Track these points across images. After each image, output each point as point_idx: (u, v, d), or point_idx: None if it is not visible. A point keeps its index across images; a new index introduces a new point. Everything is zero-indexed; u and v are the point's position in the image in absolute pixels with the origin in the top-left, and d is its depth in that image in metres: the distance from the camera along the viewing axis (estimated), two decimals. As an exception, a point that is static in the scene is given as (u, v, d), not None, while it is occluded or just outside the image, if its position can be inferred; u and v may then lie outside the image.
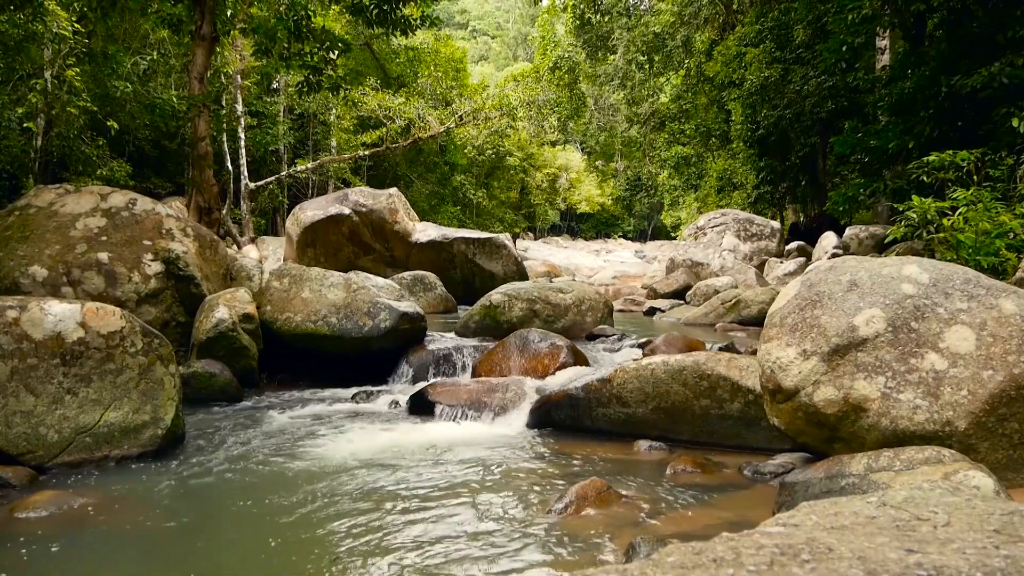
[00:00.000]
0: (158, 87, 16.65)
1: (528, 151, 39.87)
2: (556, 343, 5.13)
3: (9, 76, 12.12)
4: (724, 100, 21.60)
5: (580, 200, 47.79)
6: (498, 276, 10.77)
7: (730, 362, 3.64)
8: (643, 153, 35.29)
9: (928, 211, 6.33)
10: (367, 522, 2.64)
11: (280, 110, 22.47)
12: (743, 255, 14.08)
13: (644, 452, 3.59)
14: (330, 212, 10.96)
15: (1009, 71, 8.06)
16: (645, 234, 53.55)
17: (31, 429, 3.14)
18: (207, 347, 4.82)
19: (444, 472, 3.27)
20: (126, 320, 3.48)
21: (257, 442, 3.77)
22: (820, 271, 2.88)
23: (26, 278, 4.75)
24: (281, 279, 5.60)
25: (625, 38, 25.22)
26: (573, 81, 29.45)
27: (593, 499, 2.73)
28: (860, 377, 2.56)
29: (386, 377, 5.43)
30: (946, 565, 0.93)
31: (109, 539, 2.51)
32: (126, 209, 5.32)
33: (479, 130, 26.50)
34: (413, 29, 11.32)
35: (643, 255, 31.92)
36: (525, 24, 72.38)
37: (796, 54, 16.28)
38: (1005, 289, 2.63)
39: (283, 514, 2.74)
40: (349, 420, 4.32)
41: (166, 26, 10.41)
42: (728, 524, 2.55)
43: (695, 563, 0.97)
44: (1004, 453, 2.50)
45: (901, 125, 10.13)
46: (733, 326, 8.54)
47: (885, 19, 10.99)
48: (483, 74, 42.32)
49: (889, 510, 1.23)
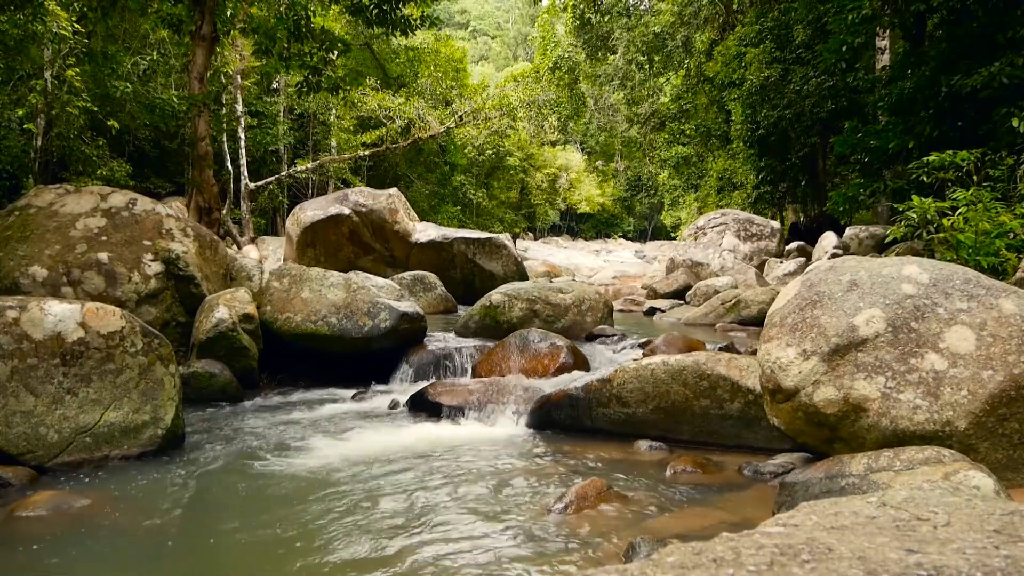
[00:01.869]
0: (158, 87, 16.64)
1: (528, 151, 39.84)
2: (556, 343, 5.13)
3: (9, 76, 12.12)
4: (724, 100, 21.60)
5: (580, 200, 47.77)
6: (498, 276, 10.76)
7: (730, 362, 3.64)
8: (643, 153, 35.29)
9: (928, 211, 6.33)
10: (367, 522, 2.64)
11: (280, 110, 22.47)
12: (743, 255, 14.07)
13: (644, 452, 3.59)
14: (330, 212, 10.95)
15: (1009, 71, 8.06)
16: (645, 234, 53.58)
17: (31, 429, 3.14)
18: (207, 347, 4.82)
19: (444, 472, 3.27)
20: (126, 320, 3.48)
21: (257, 442, 3.77)
22: (820, 271, 2.88)
23: (26, 278, 4.75)
24: (281, 279, 5.60)
25: (625, 38, 25.21)
26: (573, 81, 29.45)
27: (593, 499, 2.73)
28: (860, 377, 2.56)
29: (386, 377, 5.43)
30: (946, 565, 0.93)
31: (109, 539, 2.51)
32: (126, 209, 5.33)
33: (479, 130, 26.50)
34: (413, 29, 11.33)
35: (643, 255, 31.93)
36: (525, 24, 72.41)
37: (796, 54, 16.27)
38: (1005, 289, 2.63)
39: (283, 514, 2.74)
40: (349, 420, 4.32)
41: (166, 26, 10.42)
42: (728, 524, 2.55)
43: (695, 563, 0.97)
44: (1004, 453, 2.51)
45: (901, 125, 10.13)
46: (733, 326, 8.54)
47: (885, 19, 10.99)
48: (483, 74, 42.31)
49: (889, 510, 1.23)
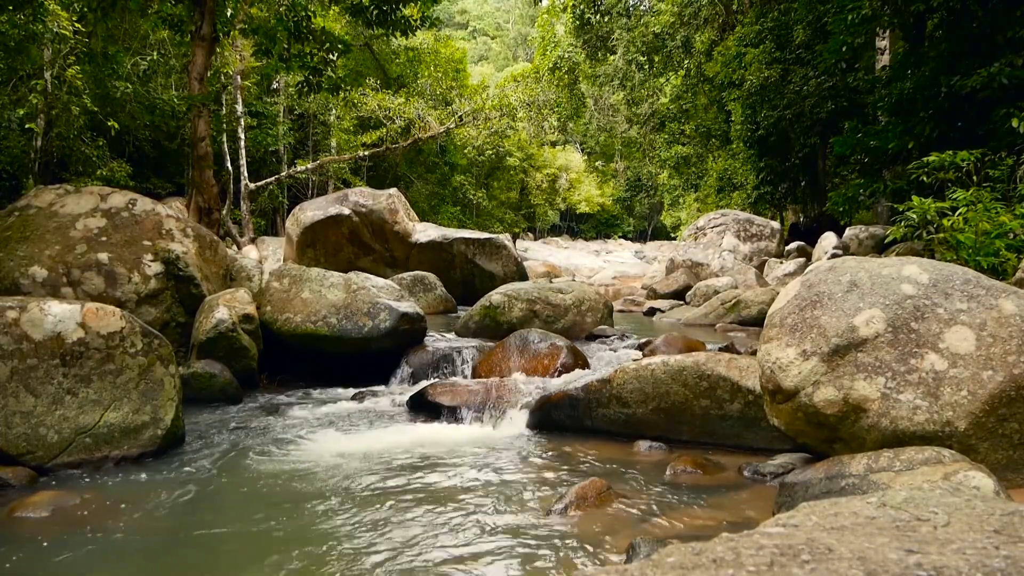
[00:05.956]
0: (158, 87, 16.66)
1: (528, 151, 39.81)
2: (556, 343, 5.13)
3: (9, 76, 12.12)
4: (724, 100, 21.59)
5: (580, 200, 47.74)
6: (498, 276, 10.76)
7: (730, 362, 3.64)
8: (643, 153, 35.25)
9: (928, 211, 6.32)
10: (367, 522, 2.64)
11: (280, 110, 22.46)
12: (743, 255, 14.06)
13: (644, 452, 3.59)
14: (330, 212, 10.95)
15: (1009, 71, 8.06)
16: (645, 234, 53.55)
17: (31, 429, 3.14)
18: (207, 347, 4.82)
19: (444, 472, 3.28)
20: (126, 320, 3.48)
21: (257, 443, 3.77)
22: (820, 271, 2.88)
23: (26, 278, 4.74)
24: (281, 279, 5.60)
25: (625, 38, 25.18)
26: (573, 81, 29.42)
27: (593, 499, 2.73)
28: (860, 377, 2.56)
29: (386, 377, 5.43)
30: (946, 565, 0.93)
31: (109, 539, 2.51)
32: (126, 209, 5.32)
33: (479, 130, 26.47)
34: (413, 30, 11.34)
35: (643, 255, 31.97)
36: (525, 24, 72.36)
37: (796, 54, 16.28)
38: (1005, 289, 2.63)
39: (283, 514, 2.74)
40: (349, 420, 4.32)
41: (166, 26, 10.43)
42: (728, 524, 2.56)
43: (695, 563, 0.97)
44: (1004, 453, 2.50)
45: (901, 125, 10.13)
46: (733, 326, 8.54)
47: (885, 19, 10.98)
48: (483, 74, 42.21)
49: (889, 510, 1.23)
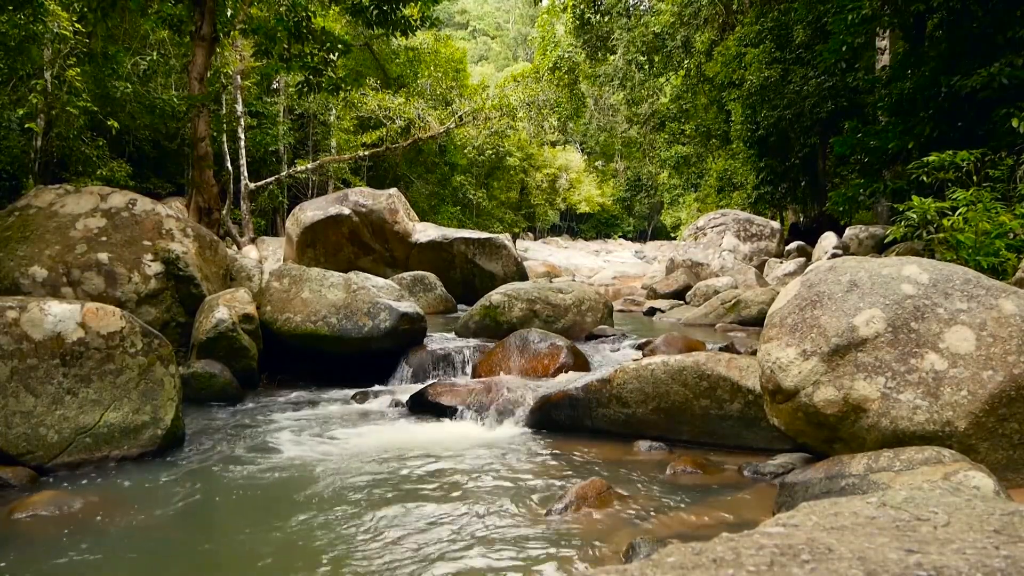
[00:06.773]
0: (158, 87, 16.64)
1: (528, 151, 39.79)
2: (556, 343, 5.13)
3: (9, 76, 12.12)
4: (724, 100, 21.59)
5: (580, 200, 47.73)
6: (498, 276, 10.76)
7: (730, 362, 3.64)
8: (643, 153, 35.26)
9: (928, 211, 6.32)
10: (367, 522, 2.64)
11: (280, 110, 22.46)
12: (743, 255, 14.06)
13: (644, 452, 3.59)
14: (330, 212, 10.95)
15: (1009, 71, 8.05)
16: (645, 234, 53.54)
17: (31, 429, 3.14)
18: (207, 347, 4.82)
19: (444, 472, 3.28)
20: (126, 320, 3.48)
21: (257, 442, 3.77)
22: (820, 271, 2.88)
23: (26, 278, 4.74)
24: (281, 279, 5.60)
25: (625, 38, 25.18)
26: (573, 81, 29.41)
27: (593, 499, 2.73)
28: (860, 377, 2.56)
29: (386, 377, 5.44)
30: (946, 565, 0.93)
31: (109, 539, 2.51)
32: (126, 209, 5.33)
33: (479, 130, 26.48)
34: (413, 30, 11.34)
35: (643, 255, 31.97)
36: (525, 24, 72.37)
37: (796, 54, 16.27)
38: (1005, 289, 2.63)
39: (283, 514, 2.74)
40: (349, 420, 4.32)
41: (166, 26, 10.42)
42: (728, 524, 2.56)
43: (695, 563, 0.97)
44: (1004, 453, 2.51)
45: (901, 125, 10.12)
46: (733, 326, 8.54)
47: (885, 19, 10.98)
48: (483, 74, 42.22)
49: (889, 510, 1.23)
